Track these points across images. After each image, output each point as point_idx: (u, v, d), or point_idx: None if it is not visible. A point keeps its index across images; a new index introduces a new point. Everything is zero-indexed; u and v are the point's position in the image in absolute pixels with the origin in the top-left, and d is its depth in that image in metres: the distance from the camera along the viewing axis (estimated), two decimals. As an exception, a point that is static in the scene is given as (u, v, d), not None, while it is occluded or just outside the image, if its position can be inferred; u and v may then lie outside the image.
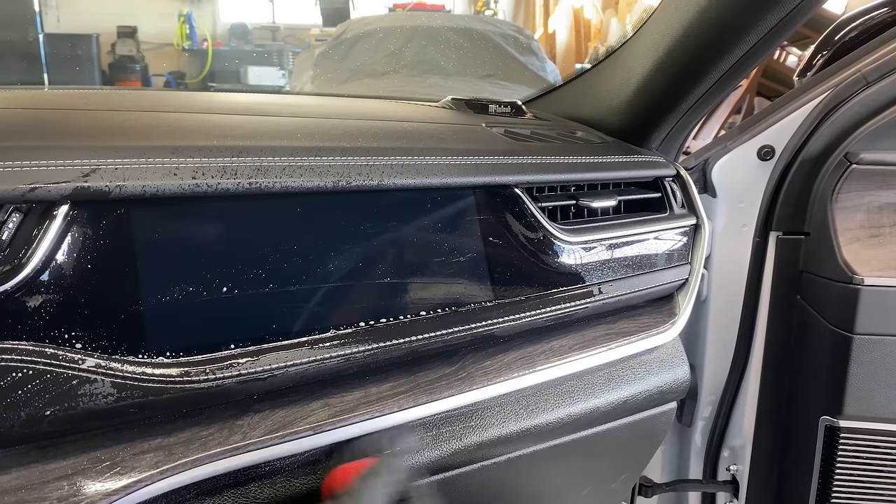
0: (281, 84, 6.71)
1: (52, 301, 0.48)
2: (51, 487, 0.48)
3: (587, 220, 0.80)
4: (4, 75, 5.70)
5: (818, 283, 0.97)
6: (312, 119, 0.74)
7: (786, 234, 1.01)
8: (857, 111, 0.94)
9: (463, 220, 0.69)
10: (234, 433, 0.55)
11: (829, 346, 0.95)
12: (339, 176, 0.60)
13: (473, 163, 0.70)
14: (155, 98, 0.80)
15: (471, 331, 0.68)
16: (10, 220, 0.47)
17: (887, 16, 1.00)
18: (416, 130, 0.77)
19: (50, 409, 0.47)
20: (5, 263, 0.47)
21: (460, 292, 0.68)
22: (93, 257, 0.50)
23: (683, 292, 0.91)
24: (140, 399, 0.51)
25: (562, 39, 6.41)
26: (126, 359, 0.50)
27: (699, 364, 1.11)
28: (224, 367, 0.54)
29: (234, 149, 0.57)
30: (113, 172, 0.50)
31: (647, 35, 0.91)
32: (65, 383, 0.48)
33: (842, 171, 0.95)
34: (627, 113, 0.95)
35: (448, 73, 2.93)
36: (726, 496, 1.14)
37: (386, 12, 6.29)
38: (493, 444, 0.71)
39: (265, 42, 7.33)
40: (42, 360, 0.47)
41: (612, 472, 0.93)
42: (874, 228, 0.97)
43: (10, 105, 0.64)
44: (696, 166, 1.03)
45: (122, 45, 6.78)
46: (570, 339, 0.78)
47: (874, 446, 0.95)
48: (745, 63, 0.83)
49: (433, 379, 0.67)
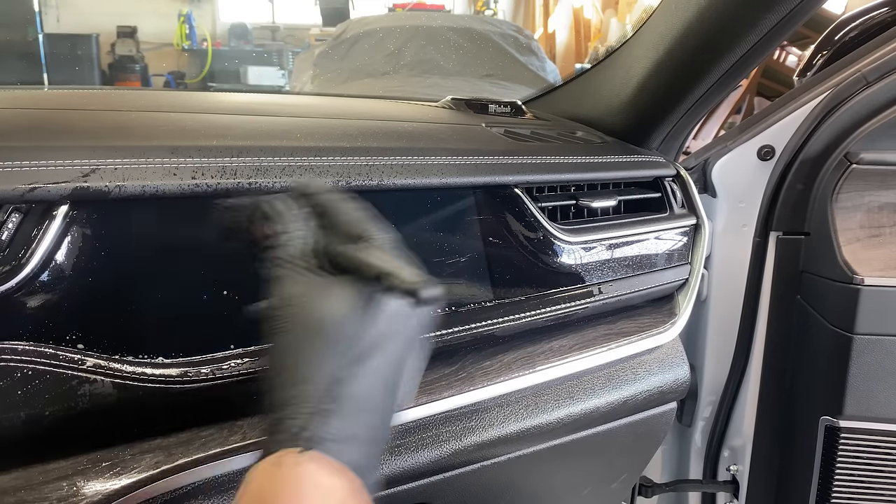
0: (281, 84, 6.71)
1: (52, 301, 0.48)
2: (51, 487, 0.48)
3: (587, 220, 0.80)
4: (4, 75, 5.70)
5: (818, 283, 0.97)
6: (312, 119, 0.74)
7: (786, 234, 1.01)
8: (857, 111, 0.94)
9: (463, 220, 0.69)
10: (234, 433, 0.55)
11: (829, 346, 0.95)
12: (339, 176, 0.60)
13: (473, 163, 0.70)
14: (155, 98, 0.80)
15: (471, 331, 0.68)
16: (9, 220, 0.47)
17: (887, 16, 1.00)
18: (416, 130, 0.77)
19: (50, 409, 0.47)
20: (5, 263, 0.47)
21: (460, 292, 0.68)
22: (93, 257, 0.50)
23: (683, 292, 0.91)
24: (140, 399, 0.51)
25: (562, 39, 6.41)
26: (126, 359, 0.50)
27: (699, 364, 1.11)
28: (224, 367, 0.54)
29: (234, 149, 0.57)
30: (113, 172, 0.50)
31: (647, 35, 0.91)
32: (65, 383, 0.48)
33: (842, 171, 0.95)
34: (627, 113, 0.95)
35: (448, 73, 2.93)
36: (726, 496, 1.14)
37: (386, 12, 6.29)
38: (493, 445, 0.71)
39: (265, 42, 7.33)
40: (42, 360, 0.47)
41: (612, 473, 0.93)
42: (874, 228, 0.97)
43: (10, 105, 0.64)
44: (696, 166, 1.03)
45: (122, 45, 6.78)
46: (570, 339, 0.78)
47: (874, 446, 0.95)
48: (745, 63, 0.83)
49: (433, 379, 0.67)
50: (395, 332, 0.47)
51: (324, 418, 0.42)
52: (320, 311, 0.45)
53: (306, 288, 0.46)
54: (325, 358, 0.44)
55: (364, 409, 0.44)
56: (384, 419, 0.47)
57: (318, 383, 0.43)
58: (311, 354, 0.44)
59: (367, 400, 0.45)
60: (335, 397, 0.43)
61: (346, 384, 0.44)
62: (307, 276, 0.47)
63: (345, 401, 0.43)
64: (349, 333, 0.45)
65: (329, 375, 0.44)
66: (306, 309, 0.45)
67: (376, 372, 0.46)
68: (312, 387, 0.43)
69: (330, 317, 0.45)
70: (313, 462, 0.41)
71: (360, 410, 0.44)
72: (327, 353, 0.44)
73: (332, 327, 0.45)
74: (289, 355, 0.45)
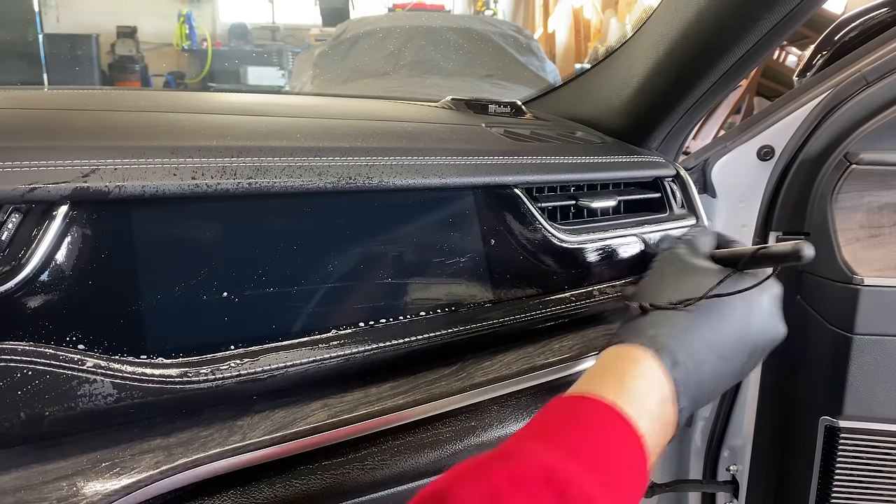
0: (280, 84, 6.71)
1: (52, 301, 0.48)
2: (51, 487, 0.48)
3: (587, 221, 0.80)
4: (4, 75, 5.70)
5: (818, 283, 0.97)
6: (312, 119, 0.74)
7: (785, 234, 1.01)
8: (857, 111, 0.94)
9: (462, 221, 0.69)
10: (234, 433, 0.55)
11: (829, 346, 0.95)
12: (339, 176, 0.60)
13: (473, 163, 0.70)
14: (154, 98, 0.80)
15: (471, 331, 0.68)
16: (9, 220, 0.47)
17: (887, 16, 1.00)
18: (416, 130, 0.77)
19: (50, 409, 0.47)
20: (5, 263, 0.47)
21: (460, 292, 0.68)
22: (92, 257, 0.50)
23: (683, 292, 0.91)
24: (140, 399, 0.51)
25: (561, 39, 6.41)
26: (126, 359, 0.50)
27: (699, 364, 1.11)
28: (224, 367, 0.54)
29: (234, 149, 0.57)
30: (112, 173, 0.50)
31: (647, 35, 0.91)
32: (65, 383, 0.48)
33: (842, 171, 0.95)
34: (627, 113, 0.95)
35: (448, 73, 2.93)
36: (726, 496, 1.14)
37: (385, 12, 6.30)
38: (493, 445, 0.71)
39: (265, 42, 7.34)
40: (42, 360, 0.47)
41: (611, 473, 0.93)
42: (874, 228, 0.97)
43: (10, 105, 0.64)
44: (696, 166, 1.03)
45: (122, 45, 6.79)
46: (570, 339, 0.78)
47: (874, 446, 0.95)
48: (745, 63, 0.83)
49: (433, 379, 0.67)
50: (758, 313, 0.59)
51: (678, 339, 0.54)
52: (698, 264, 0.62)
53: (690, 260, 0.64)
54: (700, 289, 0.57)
55: (708, 360, 0.55)
56: (717, 382, 0.56)
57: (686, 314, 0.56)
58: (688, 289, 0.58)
59: (715, 357, 0.55)
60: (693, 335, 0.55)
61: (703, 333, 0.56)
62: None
63: (696, 347, 0.54)
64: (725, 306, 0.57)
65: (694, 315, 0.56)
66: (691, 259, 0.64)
67: (737, 341, 0.57)
68: (684, 316, 0.56)
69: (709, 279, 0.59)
70: (657, 361, 0.52)
71: (705, 359, 0.55)
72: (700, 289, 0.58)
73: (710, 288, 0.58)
74: (670, 281, 0.61)
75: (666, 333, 0.55)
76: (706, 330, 0.56)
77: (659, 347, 0.53)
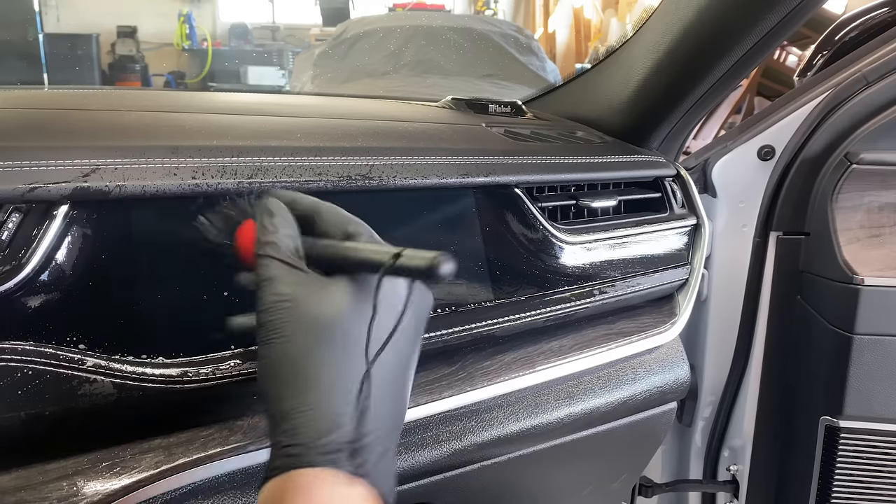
0: (281, 84, 6.71)
1: (52, 301, 0.48)
2: (51, 487, 0.48)
3: (587, 221, 0.80)
4: (4, 75, 5.70)
5: (818, 283, 0.97)
6: (312, 119, 0.74)
7: (786, 234, 1.01)
8: (857, 111, 0.94)
9: (463, 221, 0.69)
10: (234, 433, 0.55)
11: (829, 346, 0.95)
12: (339, 176, 0.60)
13: (473, 163, 0.70)
14: (155, 98, 0.80)
15: (471, 331, 0.68)
16: (10, 220, 0.47)
17: (887, 16, 1.00)
18: (416, 130, 0.77)
19: (50, 409, 0.47)
20: (5, 263, 0.47)
21: (460, 292, 0.68)
22: (93, 257, 0.50)
23: (683, 292, 0.91)
24: (140, 399, 0.51)
25: (562, 39, 6.41)
26: (126, 359, 0.50)
27: (699, 364, 1.11)
28: (224, 367, 0.54)
29: (234, 149, 0.57)
30: (113, 172, 0.50)
31: (647, 35, 0.91)
32: (65, 383, 0.48)
33: (842, 171, 0.95)
34: (627, 113, 0.95)
35: (448, 73, 2.94)
36: (726, 496, 1.14)
37: (386, 12, 6.29)
38: (493, 445, 0.71)
39: (265, 42, 7.33)
40: (42, 360, 0.47)
41: (612, 473, 0.93)
42: (874, 228, 0.97)
43: (10, 105, 0.64)
44: (696, 166, 1.03)
45: (122, 44, 6.79)
46: (570, 339, 0.78)
47: (874, 446, 0.95)
48: (745, 63, 0.83)
49: (433, 379, 0.67)
50: (401, 327, 0.44)
51: (338, 428, 0.40)
52: (321, 308, 0.42)
53: (303, 287, 0.43)
54: (333, 360, 0.41)
55: (378, 415, 0.42)
56: (395, 421, 0.46)
57: (327, 389, 0.41)
58: (316, 358, 0.41)
59: (381, 402, 0.43)
60: (348, 402, 0.41)
61: (356, 387, 0.41)
62: (301, 275, 0.44)
63: (358, 406, 0.41)
64: (355, 331, 0.42)
65: (340, 378, 0.41)
66: (305, 308, 0.42)
67: (389, 371, 0.44)
68: (320, 393, 0.40)
69: (333, 314, 0.42)
70: (329, 475, 0.39)
71: (375, 416, 0.42)
72: (334, 354, 0.41)
73: (336, 325, 0.42)
74: (289, 362, 0.41)
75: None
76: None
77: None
